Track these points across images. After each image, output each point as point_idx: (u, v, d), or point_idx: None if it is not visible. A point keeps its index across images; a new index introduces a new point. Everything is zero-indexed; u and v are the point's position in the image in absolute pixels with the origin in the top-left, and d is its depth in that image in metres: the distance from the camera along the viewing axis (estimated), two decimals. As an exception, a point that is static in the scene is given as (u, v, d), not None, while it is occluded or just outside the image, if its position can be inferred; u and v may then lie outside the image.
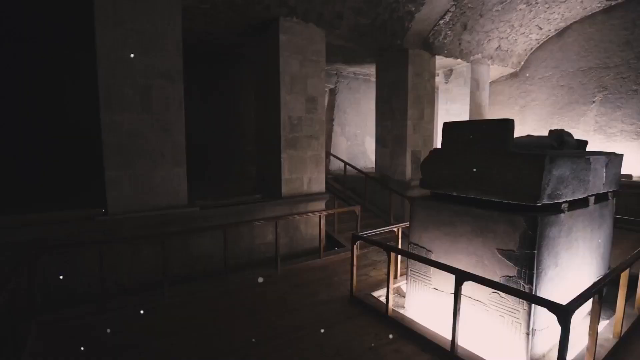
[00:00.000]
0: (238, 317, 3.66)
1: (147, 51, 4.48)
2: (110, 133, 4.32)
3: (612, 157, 3.86)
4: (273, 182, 6.03)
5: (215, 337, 3.30)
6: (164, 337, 3.31)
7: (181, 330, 3.42)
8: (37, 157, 6.51)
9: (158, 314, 3.76)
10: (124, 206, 4.42)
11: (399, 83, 7.74)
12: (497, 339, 3.07)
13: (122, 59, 4.33)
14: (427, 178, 3.71)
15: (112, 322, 3.55)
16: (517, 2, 7.43)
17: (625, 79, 8.21)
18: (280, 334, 3.32)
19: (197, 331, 3.41)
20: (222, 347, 3.14)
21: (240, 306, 3.92)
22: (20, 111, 6.40)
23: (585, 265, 3.56)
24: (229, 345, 3.17)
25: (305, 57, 5.93)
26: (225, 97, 8.47)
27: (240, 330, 3.39)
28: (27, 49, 6.38)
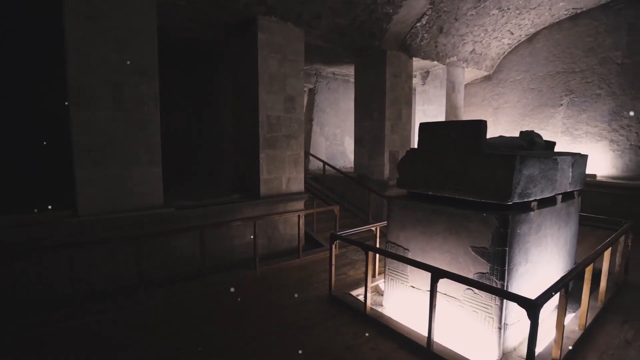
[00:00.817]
0: (217, 320, 3.61)
1: (120, 47, 4.34)
2: (81, 132, 4.15)
3: (578, 157, 4.05)
4: (252, 182, 5.97)
5: (193, 341, 3.23)
6: (136, 345, 3.22)
7: (157, 335, 3.34)
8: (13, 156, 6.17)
9: (132, 319, 3.65)
10: (96, 207, 4.26)
11: (377, 84, 7.83)
12: (471, 333, 3.16)
13: (94, 54, 4.17)
14: (404, 178, 3.77)
15: (81, 329, 3.42)
16: (490, 7, 7.67)
17: (590, 84, 8.62)
18: (261, 336, 3.30)
19: (174, 335, 3.33)
20: (200, 351, 3.08)
21: (219, 308, 3.86)
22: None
23: (553, 261, 3.72)
24: (207, 348, 3.12)
25: (284, 57, 5.90)
26: (205, 97, 8.34)
27: (220, 333, 3.34)
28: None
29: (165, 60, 4.70)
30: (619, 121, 8.22)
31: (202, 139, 8.53)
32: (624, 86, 8.14)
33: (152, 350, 3.09)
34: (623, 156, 8.19)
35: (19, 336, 3.29)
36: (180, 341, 3.22)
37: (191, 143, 8.48)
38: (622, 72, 8.15)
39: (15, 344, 3.17)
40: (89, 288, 4.15)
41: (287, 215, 5.86)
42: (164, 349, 3.11)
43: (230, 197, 5.80)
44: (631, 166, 8.07)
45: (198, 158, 8.52)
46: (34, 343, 3.20)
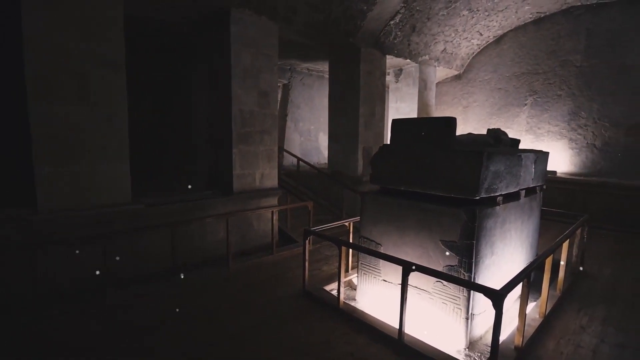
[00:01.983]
0: (189, 319, 3.53)
1: (85, 36, 4.10)
2: (41, 125, 3.91)
3: (540, 154, 4.25)
4: (224, 177, 5.87)
5: (163, 342, 3.15)
6: (99, 348, 3.10)
7: (124, 337, 3.23)
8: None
9: (97, 320, 3.50)
10: (58, 205, 4.04)
11: (351, 80, 7.88)
12: (440, 324, 3.27)
13: (55, 43, 3.92)
14: (376, 173, 3.82)
15: (41, 332, 3.25)
16: (461, 8, 7.88)
17: (552, 85, 9.07)
18: (235, 334, 3.26)
19: (144, 335, 3.24)
20: (171, 351, 3.01)
21: (191, 307, 3.77)
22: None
23: (516, 253, 3.90)
24: (179, 348, 3.05)
25: (258, 51, 5.81)
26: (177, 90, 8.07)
27: (192, 333, 3.27)
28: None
29: (136, 52, 4.51)
30: (577, 121, 8.71)
31: (173, 133, 8.27)
32: (582, 88, 8.63)
33: (117, 352, 2.98)
34: (580, 154, 8.69)
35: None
36: (150, 341, 3.13)
37: (162, 138, 8.21)
38: (581, 75, 8.63)
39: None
40: (52, 289, 3.94)
41: (260, 212, 5.80)
42: (132, 350, 3.01)
43: (202, 193, 5.67)
44: (587, 163, 8.59)
45: (169, 153, 8.26)
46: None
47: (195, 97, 8.11)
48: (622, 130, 8.12)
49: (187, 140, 8.29)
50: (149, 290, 4.13)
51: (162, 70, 7.89)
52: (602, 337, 3.31)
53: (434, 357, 2.87)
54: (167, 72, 7.96)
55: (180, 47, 7.64)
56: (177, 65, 8.01)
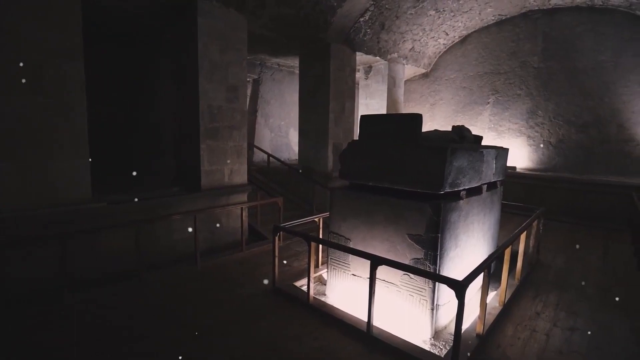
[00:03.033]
0: (156, 319, 3.42)
1: (38, 23, 3.83)
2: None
3: (501, 150, 4.45)
4: (192, 174, 5.71)
5: (126, 344, 3.03)
6: (56, 352, 2.94)
7: (83, 341, 3.07)
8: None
9: (52, 324, 3.32)
10: (9, 202, 3.77)
11: (321, 77, 7.89)
12: (408, 315, 3.36)
13: (5, 30, 3.65)
14: (345, 169, 3.85)
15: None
16: (428, 7, 8.08)
17: (512, 84, 9.52)
18: (205, 332, 3.19)
19: (104, 337, 3.10)
20: (135, 353, 2.90)
21: (158, 307, 3.66)
22: None
23: (479, 245, 4.07)
24: (143, 350, 2.95)
25: (226, 44, 5.68)
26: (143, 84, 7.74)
27: (159, 333, 3.18)
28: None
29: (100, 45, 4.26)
30: (535, 119, 9.20)
31: (139, 128, 7.94)
32: (539, 88, 9.11)
33: (75, 356, 2.85)
34: (537, 150, 9.19)
35: None
36: (112, 343, 3.01)
37: (127, 133, 7.86)
38: (538, 76, 9.11)
39: None
40: (3, 293, 3.69)
41: (229, 208, 5.70)
42: (91, 355, 2.88)
43: (169, 190, 5.49)
44: (544, 159, 9.11)
45: (135, 149, 7.92)
46: None
47: (161, 92, 7.83)
48: (574, 128, 8.68)
49: (153, 136, 7.99)
50: (111, 291, 3.96)
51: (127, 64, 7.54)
52: (555, 321, 3.53)
53: (401, 348, 2.95)
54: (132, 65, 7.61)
55: (146, 40, 7.33)
56: (142, 58, 7.68)
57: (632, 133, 7.99)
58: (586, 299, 4.03)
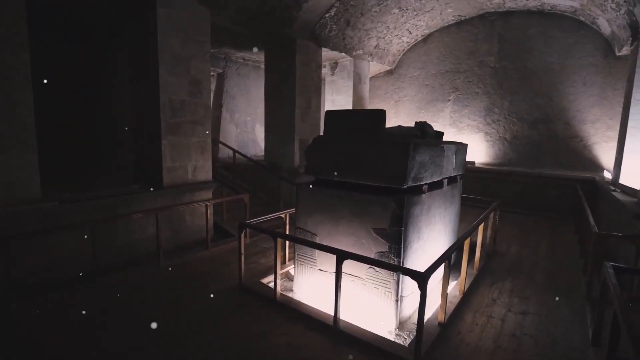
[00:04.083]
0: (112, 323, 3.27)
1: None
2: None
3: (460, 146, 4.65)
4: (153, 171, 5.49)
5: (81, 351, 2.88)
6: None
7: (31, 350, 2.89)
8: None
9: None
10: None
11: (287, 72, 7.83)
12: (373, 308, 3.44)
13: None
14: (311, 165, 3.87)
15: None
16: (392, 6, 8.23)
17: (471, 83, 9.95)
18: (169, 334, 3.09)
19: (55, 345, 2.92)
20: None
21: (118, 311, 3.50)
22: None
23: (440, 237, 4.24)
24: (102, 356, 2.81)
25: (188, 36, 5.48)
26: (100, 76, 7.28)
27: (116, 338, 3.04)
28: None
29: (53, 36, 3.97)
30: (492, 116, 9.69)
31: (97, 124, 7.49)
32: (495, 87, 9.59)
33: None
34: (494, 146, 9.69)
35: None
36: (65, 352, 2.84)
37: (83, 128, 7.38)
38: (494, 75, 9.58)
39: None
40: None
41: (194, 206, 5.55)
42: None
43: (129, 187, 5.25)
44: (500, 154, 9.62)
45: (93, 146, 7.47)
46: None
47: (120, 85, 7.42)
48: (526, 125, 9.23)
49: (113, 132, 7.58)
50: (64, 297, 3.73)
51: (84, 57, 7.05)
52: (509, 306, 3.76)
53: (367, 339, 3.02)
54: (90, 59, 7.13)
55: (105, 31, 6.91)
56: (101, 51, 7.23)
57: (576, 130, 8.63)
58: (536, 285, 4.32)
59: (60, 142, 6.37)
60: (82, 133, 7.27)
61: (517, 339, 3.17)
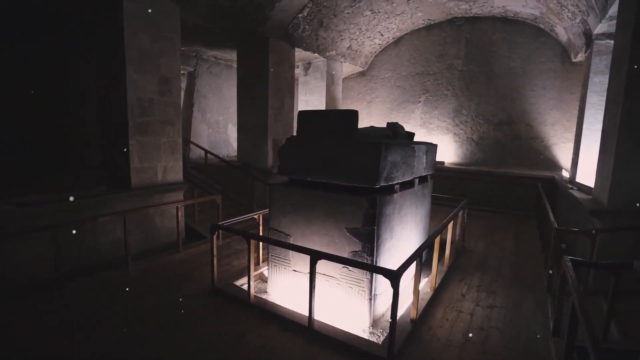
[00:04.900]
0: (78, 331, 3.12)
1: None
2: None
3: (430, 146, 4.78)
4: (121, 172, 5.28)
5: (54, 358, 2.73)
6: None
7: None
8: None
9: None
10: None
11: (260, 71, 7.76)
12: (348, 307, 3.48)
13: None
14: (284, 165, 3.85)
15: None
16: (364, 8, 8.34)
17: (440, 85, 10.25)
18: (140, 340, 2.99)
19: (26, 357, 2.76)
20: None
21: (83, 318, 3.33)
22: None
23: (412, 236, 4.34)
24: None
25: (157, 33, 5.31)
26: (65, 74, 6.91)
27: (87, 344, 2.90)
28: None
29: (14, 30, 3.72)
30: (460, 117, 10.03)
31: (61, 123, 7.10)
32: (463, 89, 9.94)
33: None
34: (462, 146, 10.04)
35: None
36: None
37: (48, 128, 6.98)
38: (462, 78, 9.92)
39: None
40: None
41: (164, 208, 5.39)
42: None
43: (95, 189, 5.03)
44: (467, 155, 9.97)
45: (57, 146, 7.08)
46: None
47: (87, 83, 7.07)
48: (492, 126, 9.63)
49: (77, 131, 7.21)
50: (24, 305, 3.52)
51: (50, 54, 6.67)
52: (477, 301, 3.91)
53: (341, 339, 3.04)
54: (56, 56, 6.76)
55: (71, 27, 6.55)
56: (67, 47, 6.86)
57: (538, 131, 9.09)
58: (502, 279, 4.52)
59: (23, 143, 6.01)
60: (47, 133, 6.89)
61: (485, 332, 3.30)
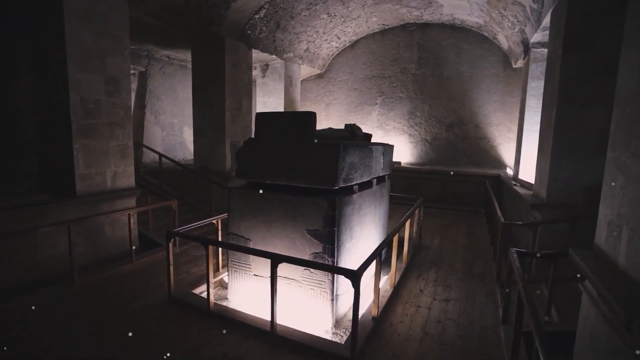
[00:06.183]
0: (16, 354, 2.84)
1: None
2: None
3: (387, 147, 4.92)
4: (64, 178, 4.90)
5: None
6: None
7: None
8: None
9: None
10: None
11: (216, 72, 7.57)
12: (310, 309, 3.48)
13: None
14: (242, 167, 3.79)
15: None
16: (321, 11, 8.43)
17: (395, 88, 10.61)
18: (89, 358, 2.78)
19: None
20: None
21: (19, 338, 3.04)
22: None
23: (372, 235, 4.44)
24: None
25: (103, 29, 5.00)
26: (3, 75, 6.26)
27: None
28: None
29: None
30: (414, 119, 10.43)
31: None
32: (416, 92, 10.35)
33: None
34: (417, 147, 10.45)
35: None
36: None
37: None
38: (415, 81, 10.34)
39: None
40: None
41: (114, 216, 5.07)
42: None
43: (33, 197, 4.61)
44: (422, 155, 10.40)
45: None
46: None
47: (22, 83, 6.46)
48: (444, 127, 10.13)
49: (10, 134, 6.56)
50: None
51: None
52: (434, 295, 4.09)
53: (305, 341, 3.04)
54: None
55: (4, 21, 5.95)
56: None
57: (485, 132, 9.69)
58: (456, 273, 4.76)
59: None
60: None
61: (442, 324, 3.45)
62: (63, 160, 4.89)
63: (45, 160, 5.24)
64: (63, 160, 4.89)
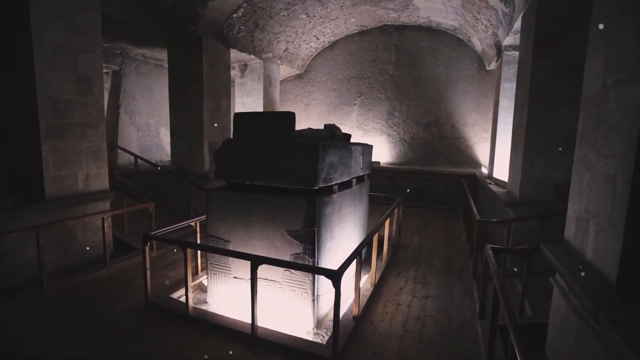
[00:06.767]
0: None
1: None
2: None
3: (366, 147, 4.97)
4: (32, 181, 4.68)
5: None
6: None
7: None
8: None
9: None
10: None
11: (194, 72, 7.44)
12: (291, 310, 3.47)
13: None
14: (221, 169, 3.73)
15: None
16: (299, 11, 8.42)
17: (374, 88, 10.73)
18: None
19: None
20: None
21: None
22: None
23: (352, 235, 4.47)
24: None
25: (73, 25, 4.80)
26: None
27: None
28: None
29: None
30: (393, 120, 10.58)
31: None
32: (395, 92, 10.50)
33: None
34: (396, 147, 10.60)
35: None
36: None
37: None
38: (393, 82, 10.49)
39: None
40: None
41: (87, 220, 4.89)
42: None
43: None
44: (401, 155, 10.56)
45: None
46: None
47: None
48: (421, 127, 10.32)
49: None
50: None
51: None
52: (414, 293, 4.16)
53: (286, 343, 3.02)
54: None
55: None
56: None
57: (461, 132, 9.94)
58: (435, 270, 4.85)
59: None
60: None
61: (421, 321, 3.51)
62: (31, 162, 4.68)
63: (10, 163, 4.99)
64: (31, 162, 4.67)
